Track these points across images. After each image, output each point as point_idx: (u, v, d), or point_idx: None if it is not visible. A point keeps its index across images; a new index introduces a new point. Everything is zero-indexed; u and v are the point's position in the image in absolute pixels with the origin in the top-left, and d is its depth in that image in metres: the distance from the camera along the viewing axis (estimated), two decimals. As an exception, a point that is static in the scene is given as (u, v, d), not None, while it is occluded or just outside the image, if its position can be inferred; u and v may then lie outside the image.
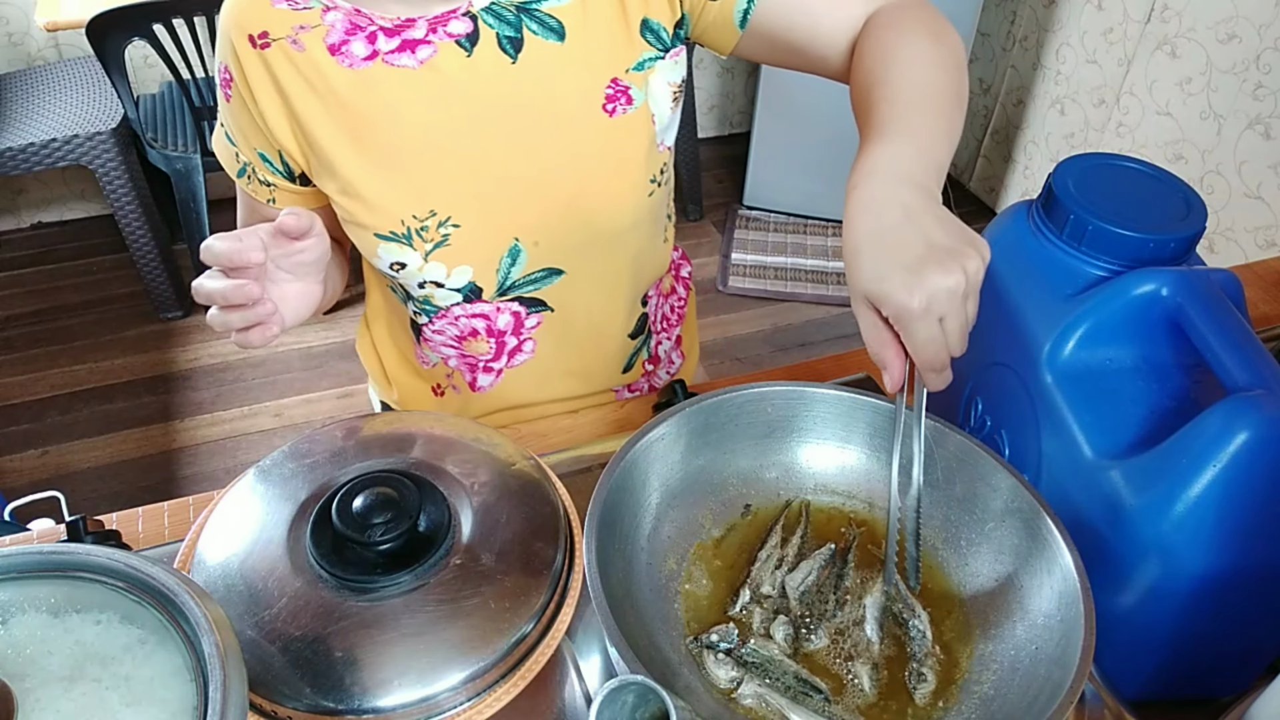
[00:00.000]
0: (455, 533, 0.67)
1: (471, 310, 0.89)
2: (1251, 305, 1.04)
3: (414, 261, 0.84)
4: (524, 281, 0.88)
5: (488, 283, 0.87)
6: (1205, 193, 2.21)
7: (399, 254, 0.83)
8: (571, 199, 0.84)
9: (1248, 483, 0.60)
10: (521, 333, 0.92)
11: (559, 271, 0.88)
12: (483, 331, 0.91)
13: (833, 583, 0.72)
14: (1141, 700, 0.69)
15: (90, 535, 0.71)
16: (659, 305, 1.03)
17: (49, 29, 2.08)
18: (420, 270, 0.84)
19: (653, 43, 0.83)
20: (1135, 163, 0.78)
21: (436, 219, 0.82)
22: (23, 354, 2.50)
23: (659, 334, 1.04)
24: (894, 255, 0.58)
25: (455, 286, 0.86)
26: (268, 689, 0.59)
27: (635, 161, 0.85)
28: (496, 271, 0.86)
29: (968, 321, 0.59)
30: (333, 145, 0.80)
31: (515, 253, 0.85)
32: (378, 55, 0.77)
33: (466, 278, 0.86)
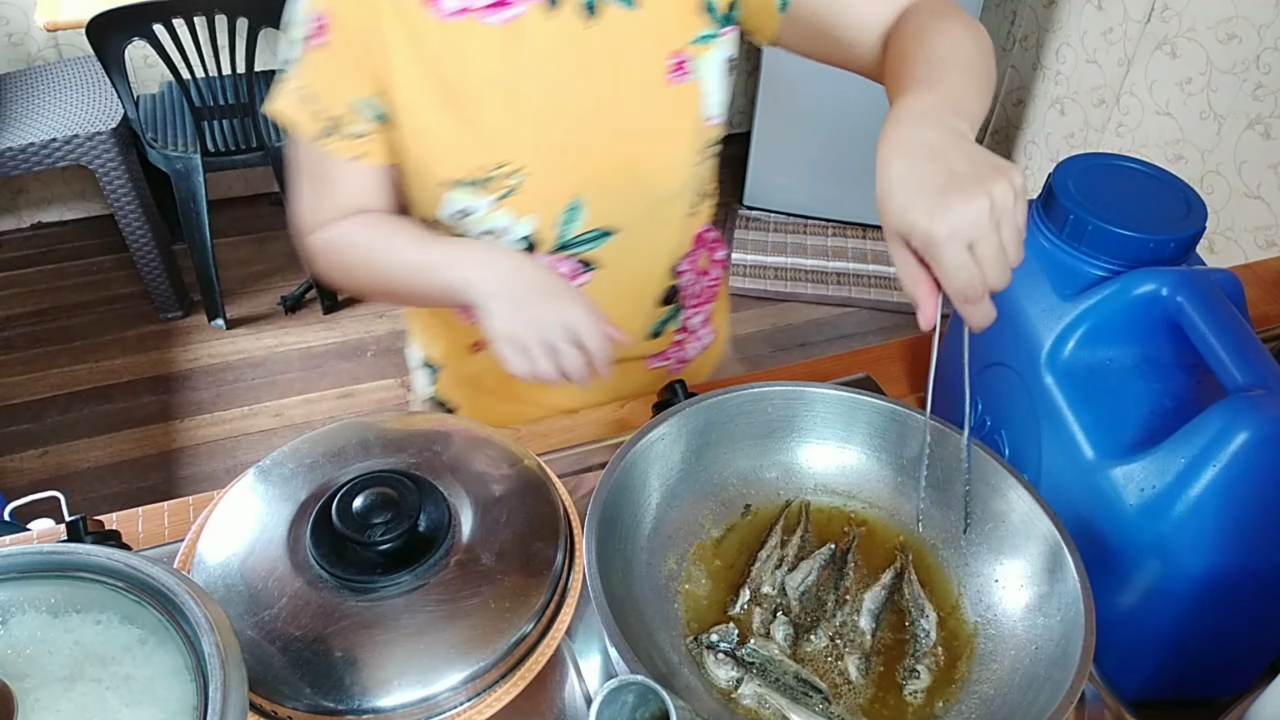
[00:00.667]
0: (455, 533, 0.67)
1: None
2: (1251, 305, 1.04)
3: (481, 209, 0.86)
4: (578, 240, 0.91)
5: (546, 237, 0.90)
6: (1205, 193, 2.21)
7: (467, 200, 0.86)
8: (629, 161, 0.88)
9: (1248, 483, 0.60)
10: None
11: (610, 232, 0.92)
12: None
13: (832, 583, 0.72)
14: (1141, 700, 0.69)
15: (90, 535, 0.71)
16: (693, 281, 1.06)
17: (49, 29, 2.08)
18: (485, 219, 0.87)
19: (711, 19, 0.87)
20: (1135, 163, 0.78)
21: (506, 169, 0.85)
22: (23, 354, 2.50)
23: (690, 308, 1.07)
24: (919, 187, 0.59)
25: (515, 238, 0.89)
26: (268, 689, 0.59)
27: (689, 131, 0.89)
28: (555, 227, 0.89)
29: (1003, 250, 0.58)
30: (415, 89, 0.82)
31: (575, 209, 0.89)
32: (467, 11, 0.81)
33: (527, 230, 0.89)
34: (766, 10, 0.85)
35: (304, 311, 2.64)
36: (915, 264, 0.61)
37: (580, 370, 0.78)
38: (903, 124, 0.64)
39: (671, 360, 1.07)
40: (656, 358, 1.06)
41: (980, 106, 0.69)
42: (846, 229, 2.98)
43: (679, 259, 1.00)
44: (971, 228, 0.57)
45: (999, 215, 0.57)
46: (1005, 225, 0.58)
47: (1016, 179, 0.59)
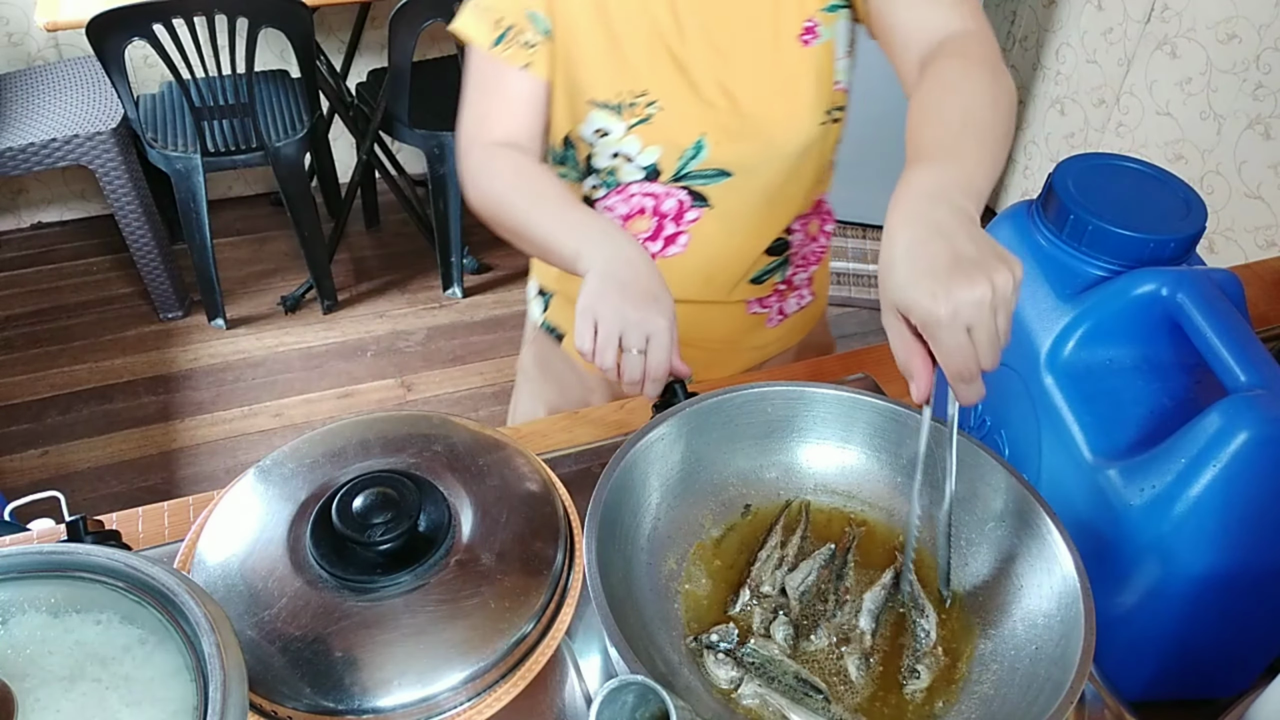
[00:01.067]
0: (455, 533, 0.67)
1: (646, 189, 0.98)
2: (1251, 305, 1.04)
3: (617, 131, 0.94)
4: (697, 174, 0.97)
5: (667, 167, 0.96)
6: (1205, 193, 2.21)
7: (607, 121, 0.93)
8: (754, 110, 0.93)
9: (1248, 483, 0.60)
10: (680, 222, 1.01)
11: (728, 173, 0.97)
12: (649, 210, 1.00)
13: (833, 583, 0.72)
14: (1141, 700, 0.69)
15: (90, 535, 0.71)
16: (803, 243, 1.11)
17: (49, 29, 2.08)
18: (618, 141, 0.94)
19: None
20: (1135, 163, 0.78)
21: (645, 99, 0.92)
22: (23, 354, 2.50)
23: (796, 266, 1.12)
24: (923, 265, 0.60)
25: (642, 164, 0.96)
26: (268, 689, 0.59)
27: (813, 91, 0.94)
28: (679, 159, 0.95)
29: (998, 335, 0.60)
30: (576, 8, 0.90)
31: (699, 146, 0.95)
32: None
33: (653, 158, 0.96)
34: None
35: (304, 311, 2.64)
36: (910, 338, 0.63)
37: (634, 374, 0.77)
38: (913, 199, 0.66)
39: (772, 309, 1.12)
40: (758, 302, 1.11)
41: (992, 178, 0.71)
42: (847, 229, 2.98)
43: (791, 217, 1.06)
44: (972, 311, 0.58)
45: (998, 302, 0.59)
46: (1001, 312, 0.60)
47: (1018, 270, 0.61)
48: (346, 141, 2.92)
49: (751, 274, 1.07)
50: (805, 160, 0.99)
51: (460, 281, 2.69)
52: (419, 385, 2.46)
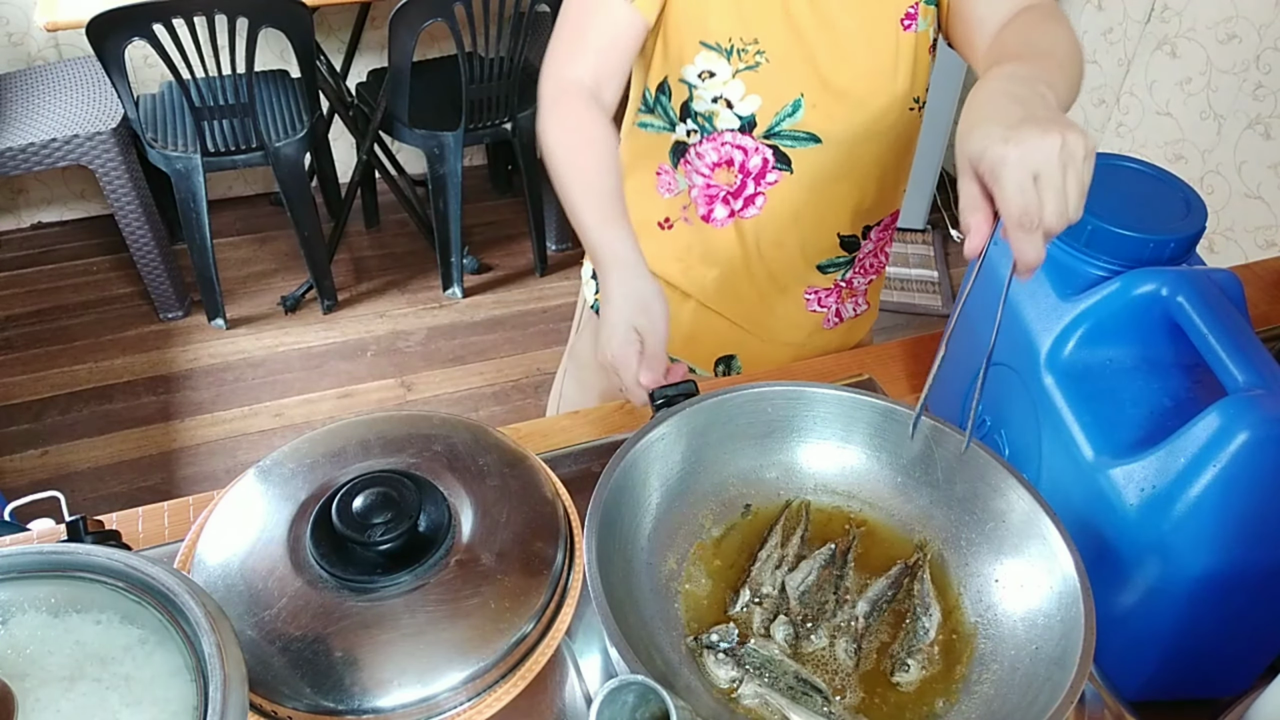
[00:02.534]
0: (455, 533, 0.67)
1: (738, 140, 1.00)
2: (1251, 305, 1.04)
3: (723, 74, 0.96)
4: (788, 134, 0.99)
5: (764, 120, 0.98)
6: (1205, 193, 2.21)
7: (714, 63, 0.96)
8: (853, 82, 0.96)
9: (1248, 483, 0.60)
10: (761, 182, 1.03)
11: (817, 139, 0.99)
12: (736, 164, 1.02)
13: (833, 583, 0.72)
14: (1141, 700, 0.69)
15: (90, 535, 0.71)
16: (872, 250, 1.14)
17: (49, 29, 2.08)
18: (724, 85, 0.97)
19: None
20: (1135, 163, 0.78)
21: (756, 47, 0.95)
22: (23, 354, 2.50)
23: (858, 271, 1.14)
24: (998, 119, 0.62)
25: (740, 112, 0.98)
26: (268, 689, 0.59)
27: (907, 74, 0.97)
28: (775, 114, 0.98)
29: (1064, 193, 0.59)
30: None
31: (797, 105, 0.97)
32: None
33: (752, 108, 0.98)
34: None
35: (304, 311, 2.64)
36: (979, 194, 0.63)
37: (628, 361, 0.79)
38: (993, 80, 0.68)
39: (830, 310, 1.15)
40: (817, 300, 1.13)
41: (1069, 94, 0.72)
42: (846, 229, 2.97)
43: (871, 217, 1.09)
44: (1040, 157, 0.59)
45: (1068, 158, 0.59)
46: (1071, 171, 0.59)
47: (1090, 141, 0.61)
48: (346, 141, 2.92)
49: (819, 260, 1.10)
50: (887, 143, 1.02)
51: (460, 281, 2.69)
52: (419, 385, 2.46)
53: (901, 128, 1.01)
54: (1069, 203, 0.59)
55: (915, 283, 2.75)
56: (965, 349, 0.86)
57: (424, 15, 2.17)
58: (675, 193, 1.08)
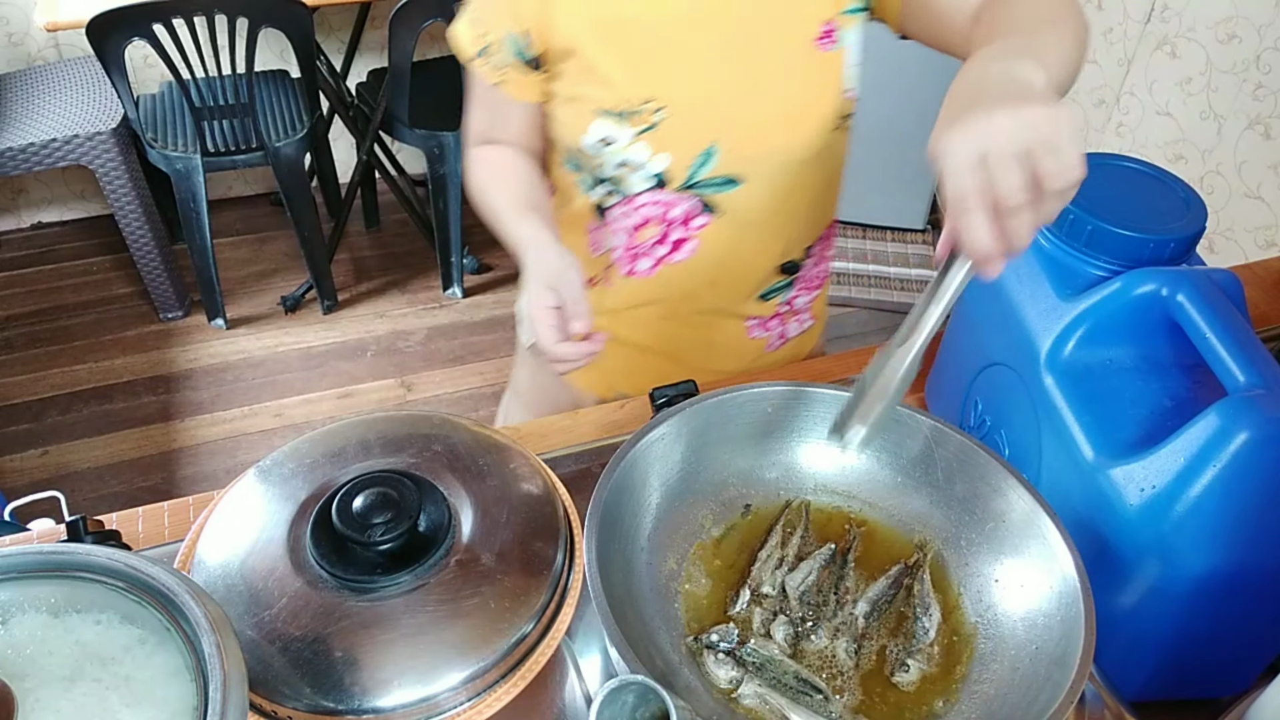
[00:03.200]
0: (455, 533, 0.67)
1: (654, 198, 0.97)
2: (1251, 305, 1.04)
3: (622, 139, 0.91)
4: (707, 182, 0.95)
5: (676, 175, 0.94)
6: (1205, 193, 2.21)
7: (610, 129, 0.91)
8: (768, 115, 0.91)
9: (1248, 483, 0.60)
10: (689, 227, 0.99)
11: (737, 181, 0.95)
12: (655, 218, 0.98)
13: (832, 583, 0.72)
14: (1141, 700, 0.69)
15: (90, 535, 0.71)
16: (812, 265, 1.09)
17: (49, 29, 2.08)
18: (624, 149, 0.92)
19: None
20: (1135, 163, 0.78)
21: (652, 105, 0.89)
22: (23, 354, 2.50)
23: (800, 289, 1.10)
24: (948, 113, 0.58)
25: (650, 172, 0.94)
26: (268, 689, 0.59)
27: (828, 97, 0.92)
28: (687, 168, 0.93)
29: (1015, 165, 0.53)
30: (576, 20, 0.88)
31: (709, 153, 0.92)
32: None
33: (662, 165, 0.93)
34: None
35: (304, 311, 2.64)
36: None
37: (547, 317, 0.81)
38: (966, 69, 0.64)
39: (773, 333, 1.11)
40: (760, 325, 1.09)
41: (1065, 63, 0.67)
42: (846, 229, 2.98)
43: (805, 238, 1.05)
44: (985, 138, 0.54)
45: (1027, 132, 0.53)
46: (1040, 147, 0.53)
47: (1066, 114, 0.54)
48: (346, 141, 2.92)
49: (761, 289, 1.05)
50: (816, 168, 0.97)
51: (460, 281, 2.69)
52: (419, 385, 2.46)
53: (830, 148, 0.96)
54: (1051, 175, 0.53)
55: (915, 283, 2.75)
56: (965, 349, 0.86)
57: (424, 15, 2.17)
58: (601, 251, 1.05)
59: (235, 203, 3.00)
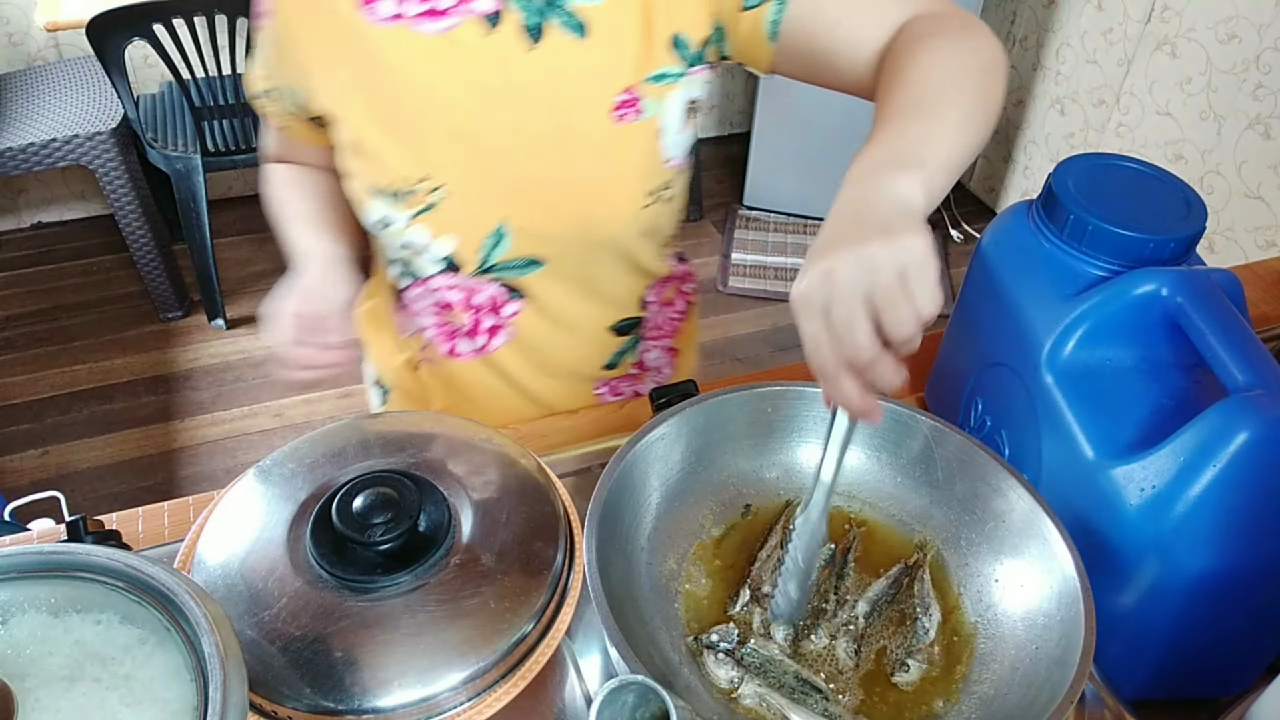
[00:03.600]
0: (455, 533, 0.67)
1: (450, 282, 0.90)
2: (1251, 305, 1.04)
3: (399, 221, 0.85)
4: (505, 265, 0.88)
5: (468, 259, 0.87)
6: (1205, 193, 2.21)
7: (386, 211, 0.85)
8: (564, 194, 0.84)
9: (1248, 483, 0.60)
10: (500, 314, 0.92)
11: (540, 262, 0.88)
12: (458, 304, 0.92)
13: (832, 583, 0.72)
14: (1141, 700, 0.69)
15: (90, 535, 0.71)
16: (656, 312, 1.02)
17: (49, 29, 2.08)
18: (403, 232, 0.85)
19: (680, 57, 0.81)
20: (1135, 163, 0.78)
21: (429, 184, 0.83)
22: (23, 354, 2.50)
23: (649, 339, 1.03)
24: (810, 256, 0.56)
25: (435, 256, 0.87)
26: (268, 689, 0.59)
27: (634, 172, 0.84)
28: (478, 250, 0.87)
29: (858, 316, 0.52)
30: (344, 91, 0.82)
31: (500, 235, 0.86)
32: (402, 17, 0.79)
33: (448, 249, 0.87)
34: (756, 41, 0.80)
35: (304, 311, 2.64)
36: None
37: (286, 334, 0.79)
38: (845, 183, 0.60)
39: (626, 393, 1.05)
40: (610, 390, 1.03)
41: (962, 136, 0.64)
42: (846, 229, 2.97)
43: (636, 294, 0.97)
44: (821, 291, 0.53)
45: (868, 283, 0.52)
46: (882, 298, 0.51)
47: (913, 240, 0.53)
48: (346, 141, 2.91)
49: (601, 362, 0.99)
50: (633, 240, 0.89)
51: (460, 281, 2.69)
52: (419, 385, 2.46)
53: (647, 220, 0.87)
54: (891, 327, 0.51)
55: (915, 283, 2.75)
56: (965, 349, 0.86)
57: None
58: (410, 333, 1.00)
59: (235, 203, 3.00)
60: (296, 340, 0.79)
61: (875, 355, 0.52)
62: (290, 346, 0.79)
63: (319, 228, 0.89)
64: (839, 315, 0.52)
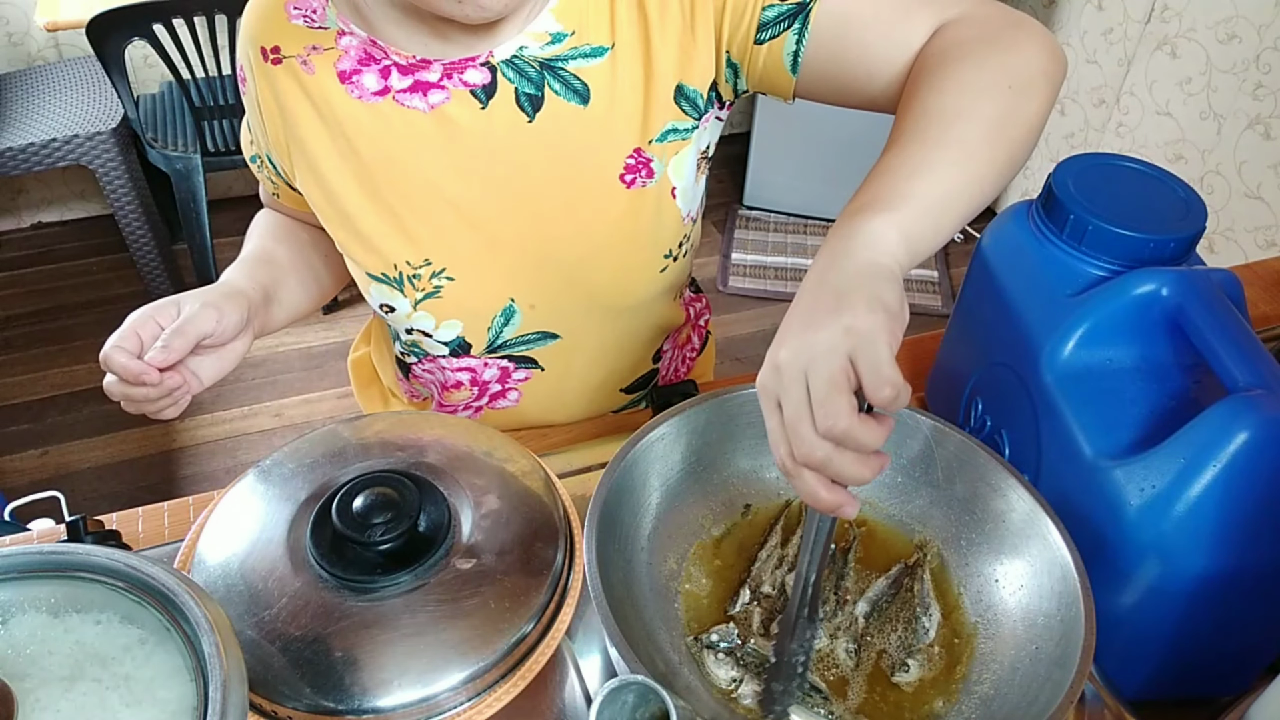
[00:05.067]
0: (455, 533, 0.67)
1: (458, 364, 0.87)
2: (1251, 305, 1.04)
3: (403, 308, 0.81)
4: (516, 341, 0.85)
5: (477, 340, 0.84)
6: (1205, 193, 2.21)
7: (389, 297, 0.81)
8: (576, 267, 0.80)
9: (1248, 483, 0.60)
10: (508, 383, 0.90)
11: (554, 335, 0.86)
12: (466, 383, 0.89)
13: (833, 583, 0.72)
14: (1141, 700, 0.69)
15: (90, 535, 0.71)
16: (672, 358, 1.00)
17: (49, 29, 2.08)
18: (408, 318, 0.82)
19: (687, 111, 0.76)
20: (1135, 163, 0.78)
21: (430, 269, 0.79)
22: (23, 354, 2.50)
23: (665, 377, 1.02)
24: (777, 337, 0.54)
25: (443, 339, 0.84)
26: (268, 689, 0.59)
27: (650, 236, 0.80)
28: (488, 330, 0.83)
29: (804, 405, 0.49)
30: (335, 175, 0.77)
31: (509, 313, 0.82)
32: (389, 91, 0.74)
33: (455, 332, 0.83)
34: (776, 73, 0.74)
35: (304, 311, 2.64)
36: None
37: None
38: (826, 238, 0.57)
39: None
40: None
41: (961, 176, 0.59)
42: (846, 229, 2.97)
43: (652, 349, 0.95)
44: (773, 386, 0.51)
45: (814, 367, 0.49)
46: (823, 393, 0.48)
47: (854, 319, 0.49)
48: (346, 141, 2.91)
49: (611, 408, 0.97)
50: (647, 305, 0.86)
51: (460, 281, 2.69)
52: (419, 385, 2.46)
53: (666, 280, 0.84)
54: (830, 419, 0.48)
55: (915, 283, 2.75)
56: (965, 349, 0.86)
57: (424, 15, 2.17)
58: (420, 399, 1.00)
59: (235, 203, 3.00)
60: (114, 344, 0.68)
61: (827, 453, 0.49)
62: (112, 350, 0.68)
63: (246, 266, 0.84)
64: (787, 411, 0.50)
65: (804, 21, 0.70)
